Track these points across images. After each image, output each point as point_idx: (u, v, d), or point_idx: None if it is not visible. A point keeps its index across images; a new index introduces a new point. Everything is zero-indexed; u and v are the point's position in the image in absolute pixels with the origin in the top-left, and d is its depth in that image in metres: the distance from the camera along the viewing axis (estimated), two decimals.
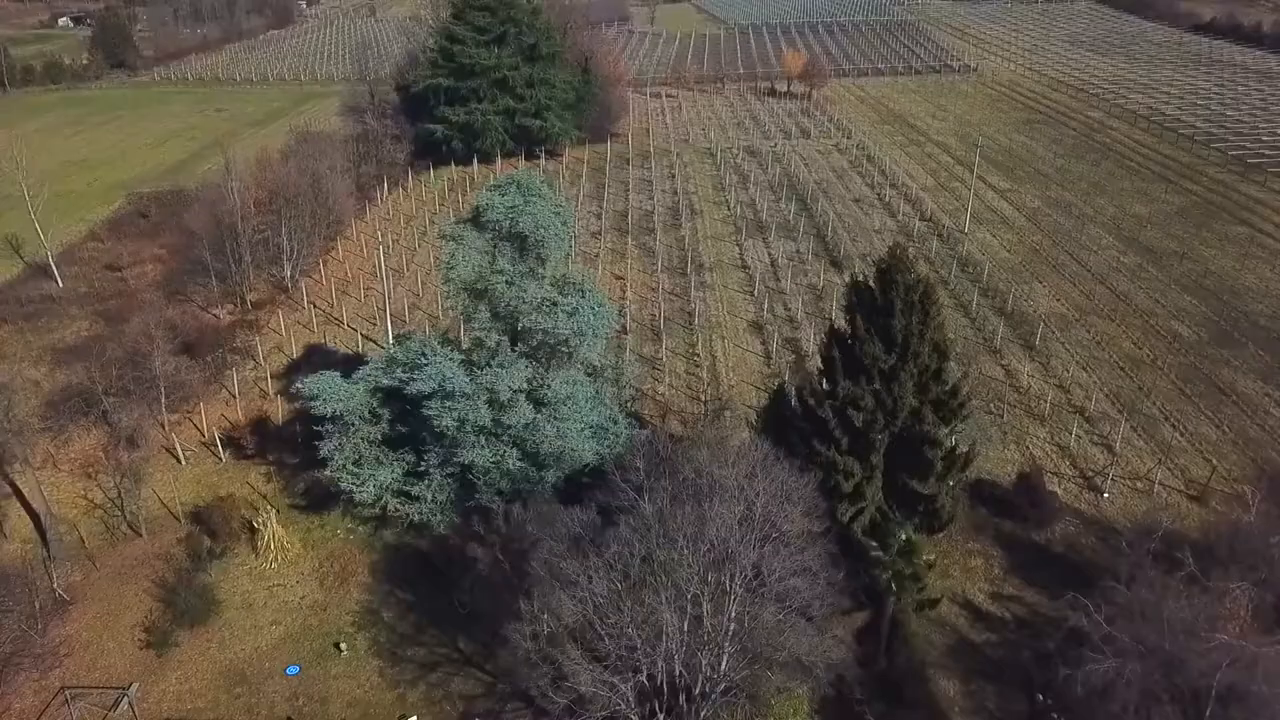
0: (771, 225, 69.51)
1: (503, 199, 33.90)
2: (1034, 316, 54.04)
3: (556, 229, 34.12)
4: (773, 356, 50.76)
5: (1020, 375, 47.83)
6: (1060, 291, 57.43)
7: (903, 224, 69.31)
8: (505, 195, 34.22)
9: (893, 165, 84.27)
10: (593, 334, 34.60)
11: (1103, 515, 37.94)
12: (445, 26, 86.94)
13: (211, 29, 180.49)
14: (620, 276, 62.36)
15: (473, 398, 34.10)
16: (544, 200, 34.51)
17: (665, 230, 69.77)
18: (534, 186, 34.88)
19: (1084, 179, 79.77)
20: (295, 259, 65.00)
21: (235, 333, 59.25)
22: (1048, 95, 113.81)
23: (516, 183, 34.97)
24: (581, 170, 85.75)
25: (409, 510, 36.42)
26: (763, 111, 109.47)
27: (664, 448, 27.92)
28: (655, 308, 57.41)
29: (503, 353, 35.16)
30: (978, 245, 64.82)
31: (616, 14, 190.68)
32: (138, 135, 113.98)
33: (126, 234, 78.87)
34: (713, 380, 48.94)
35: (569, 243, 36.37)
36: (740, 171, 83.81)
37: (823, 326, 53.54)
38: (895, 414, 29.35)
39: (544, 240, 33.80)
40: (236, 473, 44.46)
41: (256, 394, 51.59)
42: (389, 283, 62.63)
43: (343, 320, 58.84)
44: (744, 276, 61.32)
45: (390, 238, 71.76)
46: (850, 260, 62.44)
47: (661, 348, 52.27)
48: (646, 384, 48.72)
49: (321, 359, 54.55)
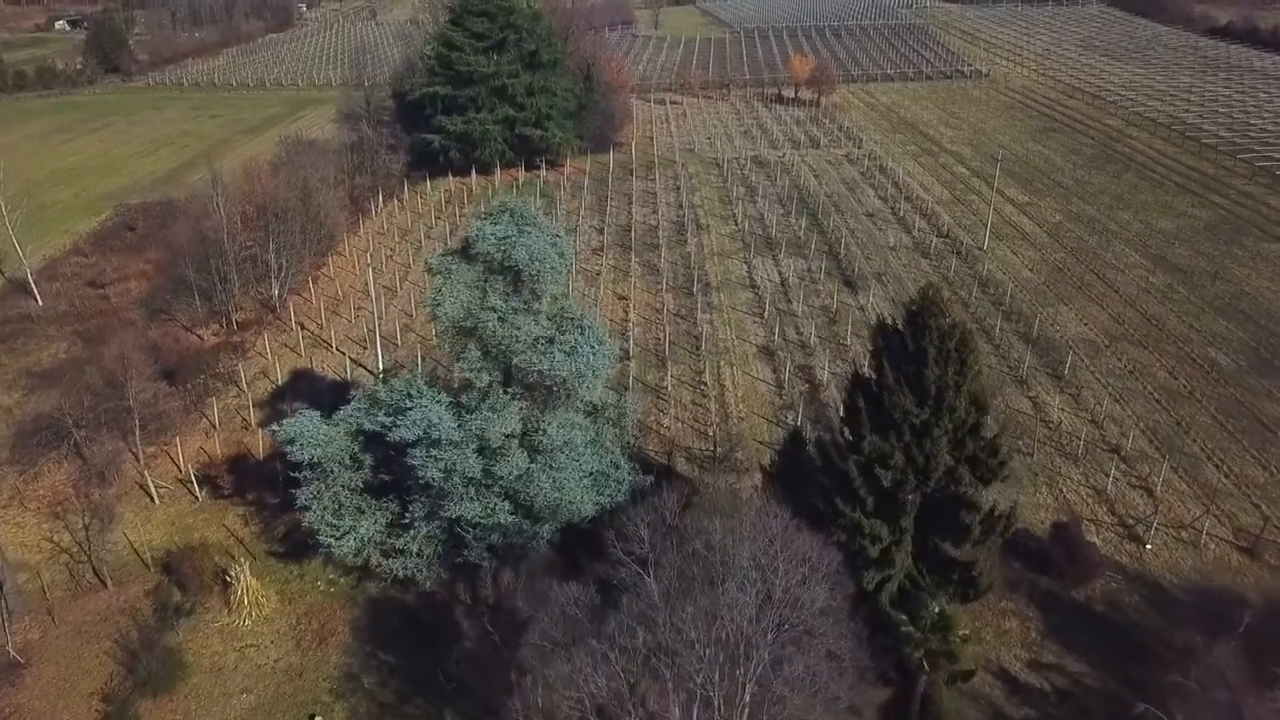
0: (781, 241, 66.55)
1: (494, 229, 31.01)
2: (1061, 343, 51.02)
3: (553, 261, 31.22)
4: (785, 386, 47.82)
5: (1050, 408, 44.82)
6: (1087, 315, 54.39)
7: (919, 240, 66.29)
8: (497, 225, 31.33)
9: (906, 177, 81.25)
10: (592, 374, 31.71)
11: (1147, 570, 34.94)
12: (443, 33, 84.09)
13: (209, 32, 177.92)
14: (623, 296, 59.46)
15: (461, 446, 31.21)
16: (539, 230, 31.62)
17: (670, 246, 66.85)
18: (528, 215, 31.99)
19: (1105, 192, 76.70)
20: (283, 277, 62.17)
21: (219, 356, 56.37)
22: (1063, 102, 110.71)
23: (509, 211, 32.07)
24: (583, 181, 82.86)
25: (393, 565, 33.53)
26: (770, 119, 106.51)
27: (671, 513, 24.98)
28: (660, 330, 54.50)
29: (494, 394, 32.27)
30: (998, 263, 61.79)
31: (620, 17, 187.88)
32: (129, 143, 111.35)
33: (112, 248, 76.13)
34: (721, 411, 46.01)
35: (567, 274, 33.44)
36: (747, 183, 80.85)
37: (836, 352, 50.82)
38: (928, 473, 26.38)
39: (539, 274, 30.91)
40: (213, 513, 41.61)
41: (238, 424, 48.76)
42: (380, 304, 59.81)
43: (331, 343, 55.97)
44: (753, 297, 58.37)
45: (384, 253, 69.05)
46: (865, 280, 59.45)
47: (667, 375, 49.36)
48: (651, 416, 45.83)
49: (308, 386, 51.79)
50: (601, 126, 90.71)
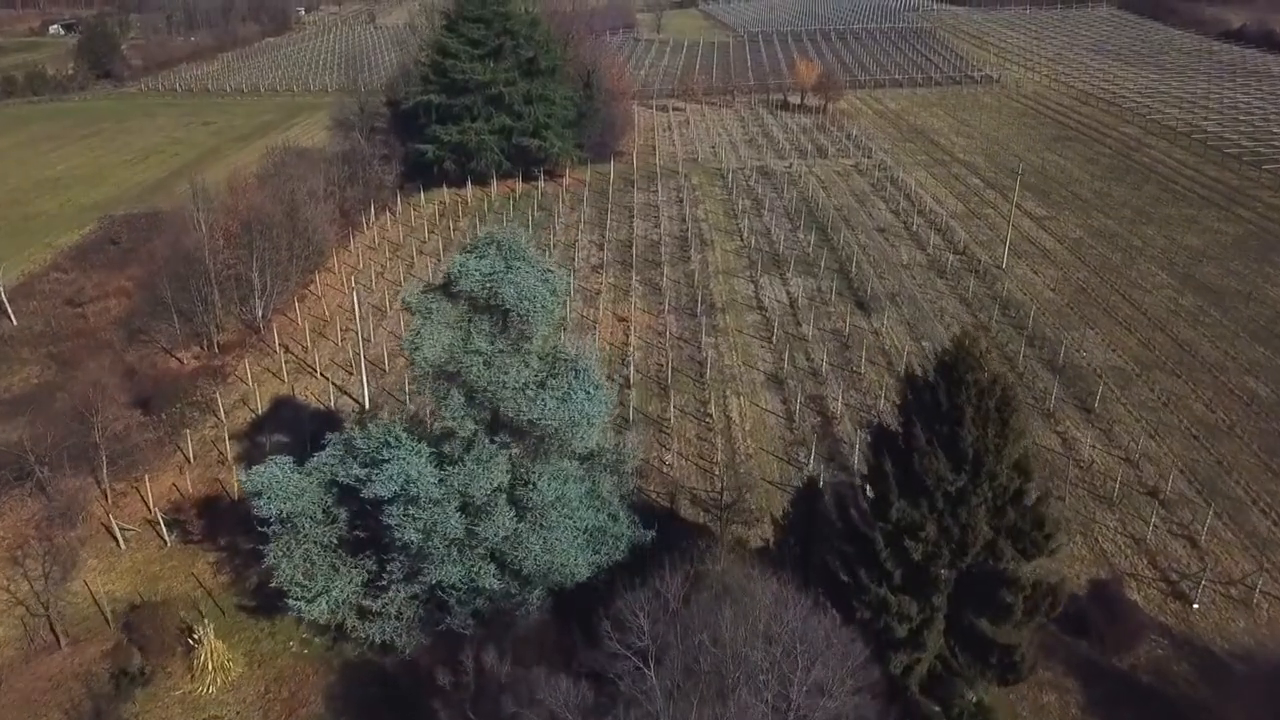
0: (789, 258, 63.55)
1: (479, 264, 28.05)
2: (1089, 371, 47.98)
3: (544, 300, 28.26)
4: (795, 418, 44.81)
5: (1080, 445, 41.78)
6: (1115, 340, 51.36)
7: (933, 258, 63.26)
8: (482, 260, 28.37)
9: (918, 189, 78.23)
10: (587, 423, 28.74)
11: (1195, 633, 31.91)
12: (437, 39, 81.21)
13: (204, 37, 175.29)
14: (623, 318, 56.51)
15: (442, 503, 28.24)
16: (529, 265, 28.67)
17: (673, 263, 63.88)
18: (517, 248, 29.03)
19: (1126, 205, 73.64)
20: (267, 297, 59.25)
21: (198, 382, 53.46)
22: (1077, 109, 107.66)
23: (496, 243, 29.11)
24: (583, 193, 79.95)
25: (369, 630, 30.55)
26: (775, 127, 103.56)
27: (674, 596, 22.01)
28: (662, 356, 51.55)
29: (480, 444, 29.30)
30: (1018, 283, 58.75)
31: (621, 21, 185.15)
32: (118, 151, 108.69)
33: (93, 263, 73.32)
34: (728, 447, 43.01)
35: (561, 310, 30.48)
36: (753, 195, 77.89)
37: (850, 381, 47.79)
38: (964, 547, 23.39)
39: (529, 314, 27.94)
40: (182, 560, 38.66)
41: (214, 459, 45.83)
42: (368, 325, 56.90)
43: (316, 368, 53.06)
44: (760, 319, 55.40)
45: (374, 270, 66.18)
46: (878, 301, 56.44)
47: (669, 405, 46.39)
48: (653, 451, 42.87)
49: (289, 416, 48.94)
50: (602, 135, 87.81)
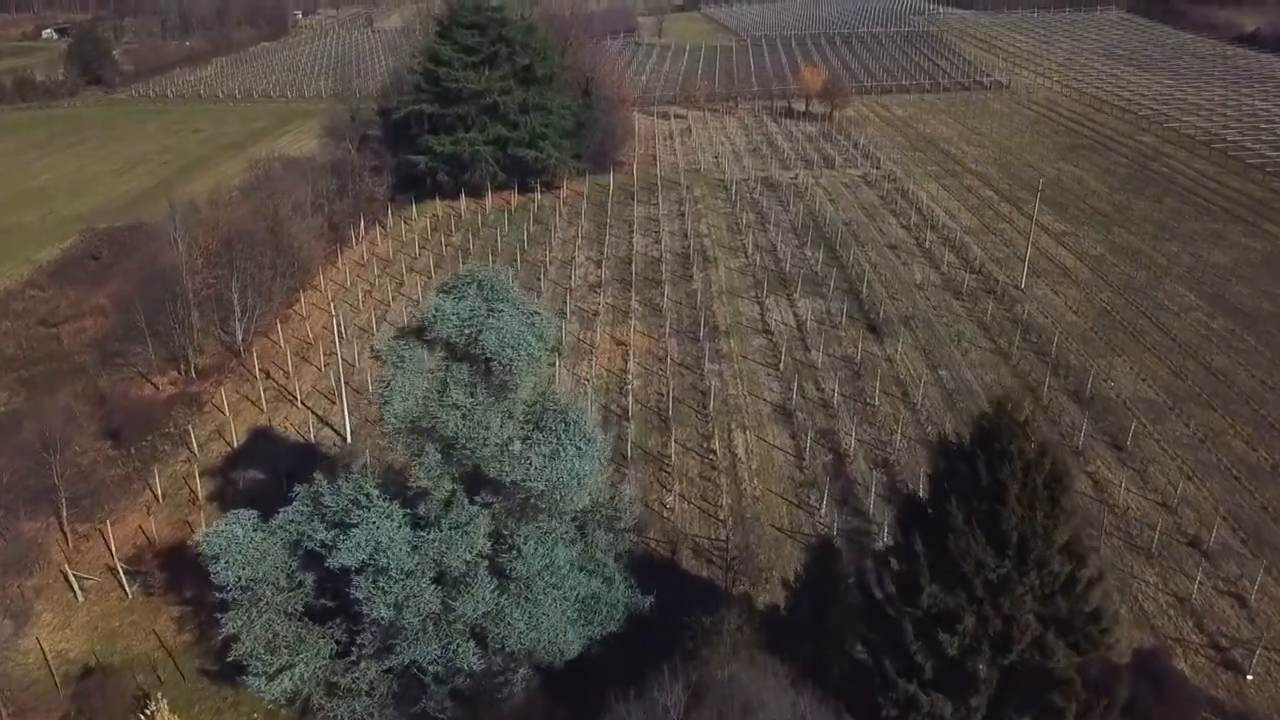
0: (796, 277, 60.55)
1: (457, 308, 25.10)
2: (1119, 404, 44.93)
3: (530, 348, 25.29)
4: (805, 455, 41.80)
5: (1113, 488, 38.74)
6: (1145, 368, 48.29)
7: (948, 277, 60.21)
8: (461, 302, 25.42)
9: (930, 202, 75.18)
10: (577, 484, 25.77)
11: (1251, 709, 28.88)
12: (430, 46, 78.32)
13: (199, 41, 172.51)
14: (622, 342, 53.56)
15: (416, 574, 25.30)
16: (513, 308, 25.71)
17: (674, 282, 60.90)
18: (500, 288, 26.08)
19: (1148, 219, 70.57)
20: (248, 319, 56.35)
21: (172, 411, 50.56)
22: (1091, 117, 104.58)
23: (477, 282, 26.16)
24: (581, 206, 77.00)
25: (337, 709, 27.55)
26: (780, 135, 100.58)
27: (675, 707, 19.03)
28: (663, 384, 48.59)
29: (458, 505, 26.34)
30: (1039, 305, 55.70)
31: (622, 25, 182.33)
32: (105, 160, 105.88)
33: (71, 279, 70.46)
34: (733, 488, 40.02)
35: (549, 359, 27.50)
36: (758, 208, 74.89)
37: (863, 414, 44.73)
38: (1007, 642, 20.39)
39: (512, 364, 24.98)
40: (143, 614, 35.74)
41: (184, 498, 42.95)
42: (351, 348, 53.97)
43: (297, 396, 50.14)
44: (766, 344, 52.40)
45: (362, 288, 63.29)
46: (891, 325, 53.42)
47: (670, 440, 43.40)
48: (653, 493, 39.93)
49: (266, 450, 46.00)
50: (601, 144, 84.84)
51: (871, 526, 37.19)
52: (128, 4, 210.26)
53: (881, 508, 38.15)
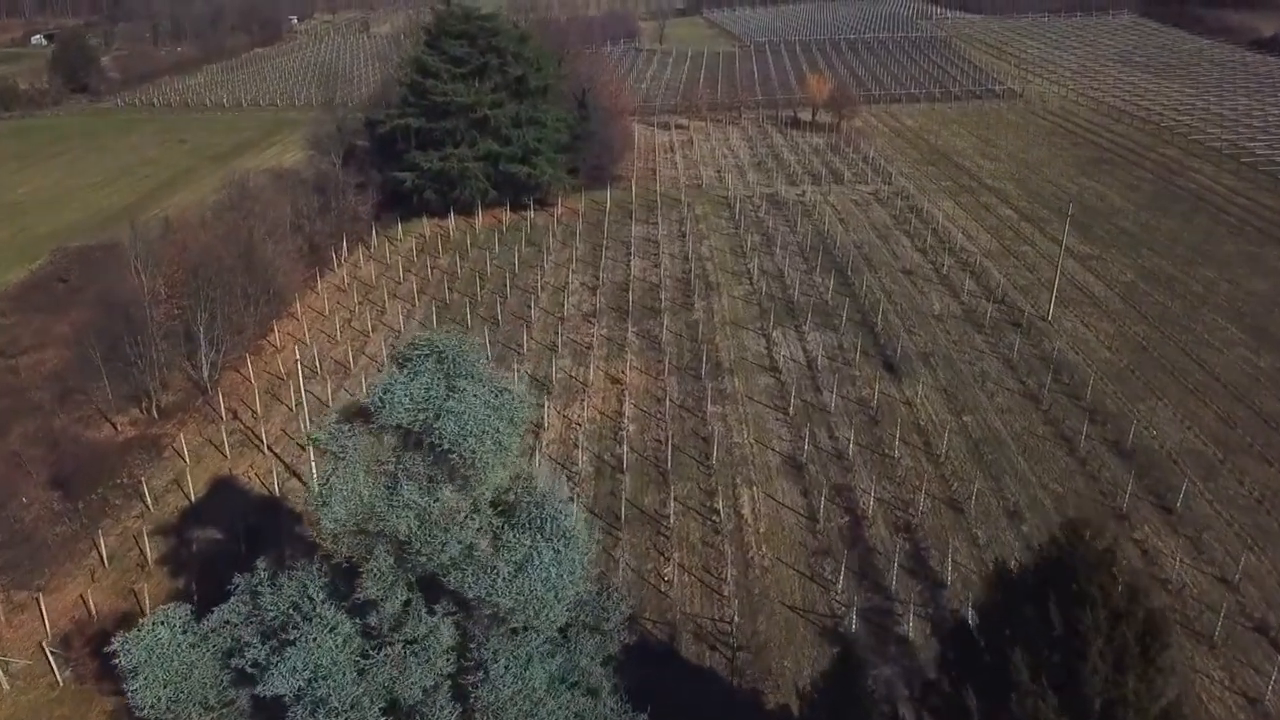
0: (805, 307, 56.41)
1: (410, 388, 20.99)
2: (1163, 457, 40.72)
3: (497, 436, 21.16)
4: (819, 517, 37.68)
5: (1164, 559, 34.57)
6: (1189, 414, 44.07)
7: (969, 307, 56.02)
8: (415, 379, 21.31)
9: (945, 221, 70.95)
10: (554, 597, 21.64)
11: None
12: (417, 57, 74.28)
13: (190, 47, 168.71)
14: (618, 380, 49.45)
15: (363, 705, 21.20)
16: (478, 386, 21.59)
17: (674, 311, 56.80)
18: (463, 362, 21.97)
19: (1178, 240, 66.33)
20: (215, 354, 52.27)
21: (129, 456, 46.58)
22: (1109, 127, 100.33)
23: (438, 353, 22.04)
24: (576, 225, 72.91)
25: None
26: (785, 147, 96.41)
27: None
28: (661, 430, 44.49)
29: (414, 618, 22.23)
30: (1068, 339, 51.49)
31: (623, 30, 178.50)
32: (85, 173, 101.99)
33: (37, 304, 66.45)
34: (739, 556, 35.90)
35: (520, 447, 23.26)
36: (763, 229, 70.73)
37: (881, 468, 40.47)
38: None
39: (475, 456, 20.85)
40: (74, 707, 31.70)
41: (133, 561, 38.93)
42: (325, 385, 49.99)
43: (264, 441, 46.09)
44: (773, 383, 48.25)
45: (340, 318, 59.22)
46: (909, 363, 49.26)
47: (669, 497, 39.29)
48: (649, 561, 35.85)
49: (227, 504, 41.99)
50: (598, 158, 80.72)
51: (894, 605, 33.09)
52: (120, 10, 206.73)
53: (905, 582, 34.07)
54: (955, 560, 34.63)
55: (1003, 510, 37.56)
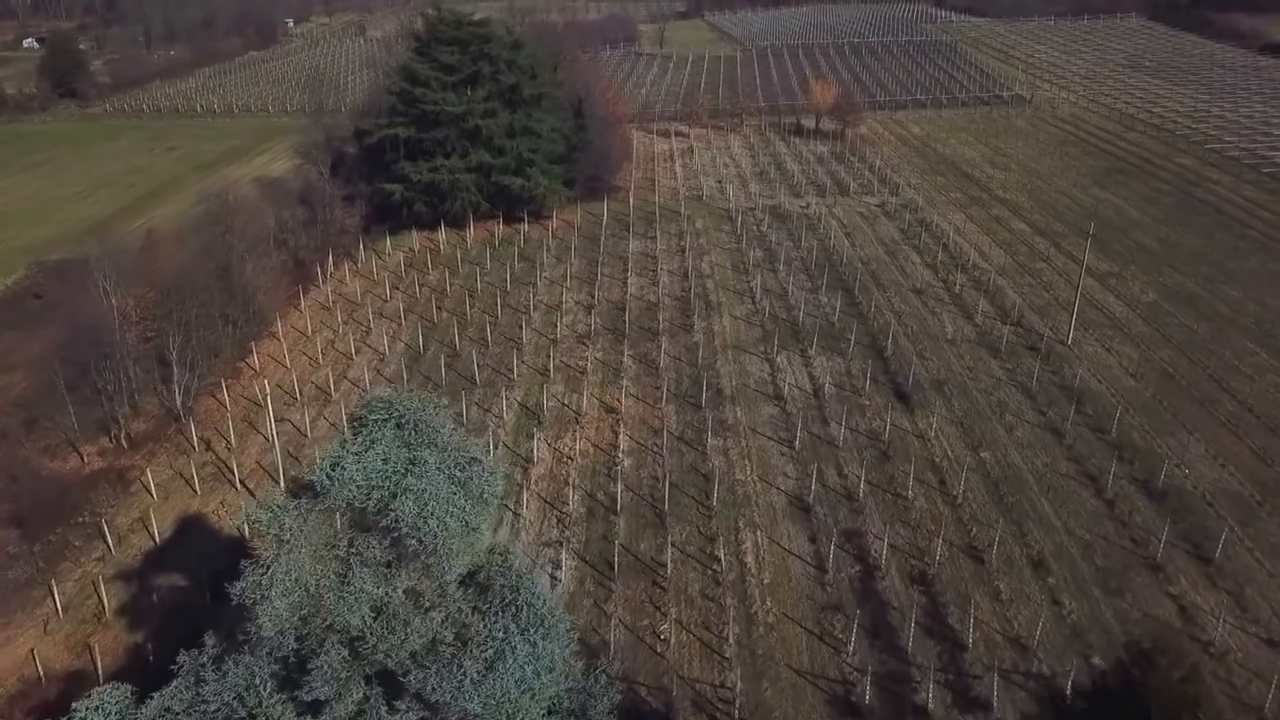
0: (811, 329, 53.61)
1: (362, 462, 18.21)
2: (1198, 499, 37.88)
3: (462, 514, 18.39)
4: (828, 566, 34.87)
5: (1203, 617, 31.75)
6: (1222, 449, 41.21)
7: (983, 330, 53.17)
8: (372, 448, 18.54)
9: (956, 236, 68.09)
10: (530, 698, 18.86)
11: None
12: (406, 65, 71.52)
13: (183, 51, 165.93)
14: (613, 409, 46.66)
15: None
16: (442, 457, 18.81)
17: (672, 333, 54.01)
18: (425, 426, 19.23)
19: (1200, 257, 63.45)
20: (190, 379, 49.45)
21: (94, 492, 43.84)
22: (1122, 135, 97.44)
23: (396, 418, 19.27)
24: (571, 239, 70.11)
25: None
26: (788, 156, 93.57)
27: None
28: (658, 465, 41.69)
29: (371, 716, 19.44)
30: (1090, 365, 48.63)
31: (622, 34, 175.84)
32: (68, 181, 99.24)
33: (9, 322, 63.73)
34: (742, 611, 33.10)
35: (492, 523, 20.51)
36: (766, 244, 67.89)
37: (894, 510, 37.53)
38: None
39: (438, 541, 18.05)
40: None
41: (90, 611, 36.20)
42: (303, 415, 47.24)
43: (236, 475, 43.33)
44: (778, 413, 45.42)
45: (322, 339, 56.51)
46: (922, 391, 46.40)
47: (666, 542, 36.48)
48: (644, 619, 33.03)
49: (194, 547, 39.31)
50: (595, 168, 77.91)
51: (911, 670, 30.27)
52: (114, 12, 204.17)
53: (923, 643, 31.25)
54: (977, 618, 31.81)
55: (1026, 560, 34.73)
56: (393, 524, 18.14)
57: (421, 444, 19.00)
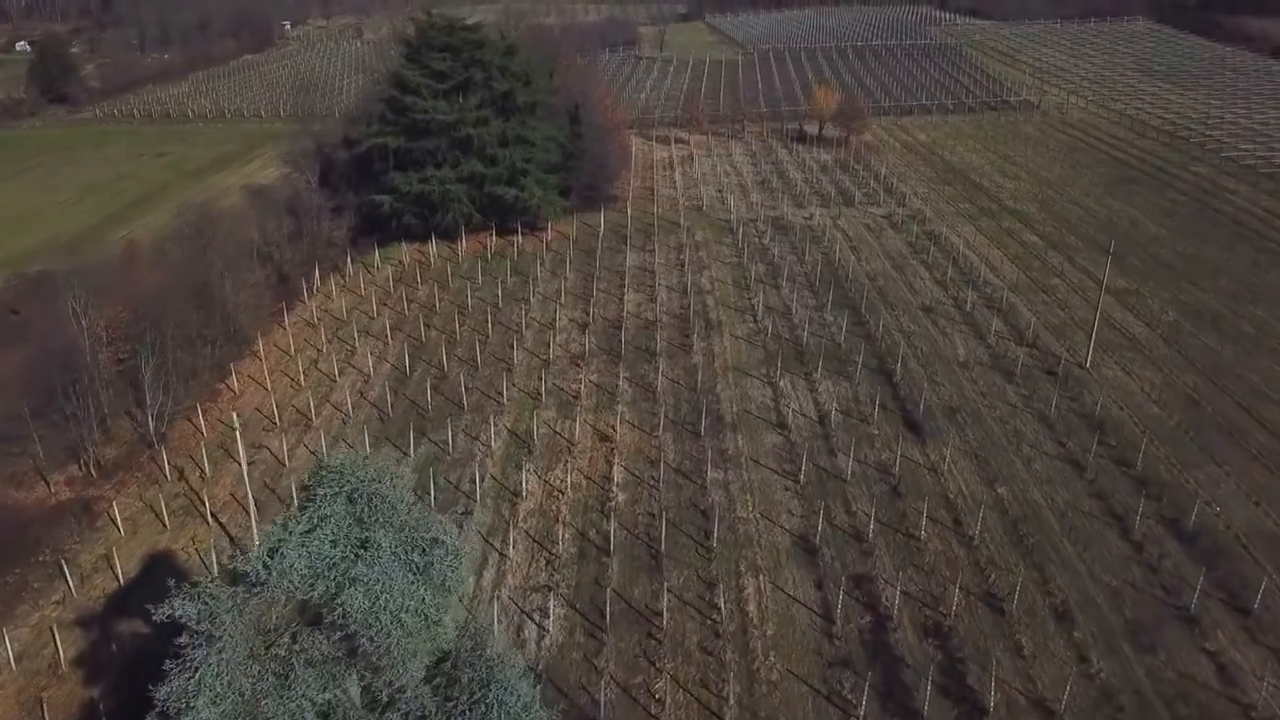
0: (815, 350, 51.15)
1: (306, 545, 15.79)
2: (1231, 540, 35.39)
3: (421, 605, 15.96)
4: (836, 616, 32.41)
5: (1244, 677, 29.25)
6: (1255, 486, 38.69)
7: (996, 352, 50.67)
8: (319, 528, 16.12)
9: (966, 250, 65.56)
10: None
11: None
12: (396, 72, 69.10)
13: (177, 54, 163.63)
14: (607, 436, 44.22)
15: None
16: (397, 537, 16.36)
17: (670, 354, 51.57)
18: (383, 501, 16.80)
19: (1221, 272, 60.93)
20: (164, 403, 47.03)
21: (59, 526, 41.44)
22: (1134, 142, 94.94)
23: (349, 490, 16.83)
24: (566, 252, 67.65)
25: None
26: (791, 164, 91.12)
27: None
28: (655, 500, 39.25)
29: None
30: (1111, 391, 46.14)
31: (622, 37, 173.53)
32: (55, 189, 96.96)
33: None
34: (743, 667, 30.66)
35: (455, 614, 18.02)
36: (768, 258, 65.41)
37: (906, 553, 34.95)
38: None
39: (391, 640, 15.61)
40: None
41: (44, 662, 33.77)
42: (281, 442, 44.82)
43: (208, 508, 40.95)
44: (782, 443, 42.95)
45: (305, 359, 54.10)
46: (933, 419, 43.92)
47: (662, 588, 34.03)
48: (637, 676, 30.57)
49: (158, 586, 35.52)
50: (592, 177, 75.47)
51: None
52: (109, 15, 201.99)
53: (939, 705, 28.79)
54: (998, 677, 29.35)
55: (1050, 610, 32.26)
56: (340, 621, 15.71)
57: (376, 522, 16.58)
